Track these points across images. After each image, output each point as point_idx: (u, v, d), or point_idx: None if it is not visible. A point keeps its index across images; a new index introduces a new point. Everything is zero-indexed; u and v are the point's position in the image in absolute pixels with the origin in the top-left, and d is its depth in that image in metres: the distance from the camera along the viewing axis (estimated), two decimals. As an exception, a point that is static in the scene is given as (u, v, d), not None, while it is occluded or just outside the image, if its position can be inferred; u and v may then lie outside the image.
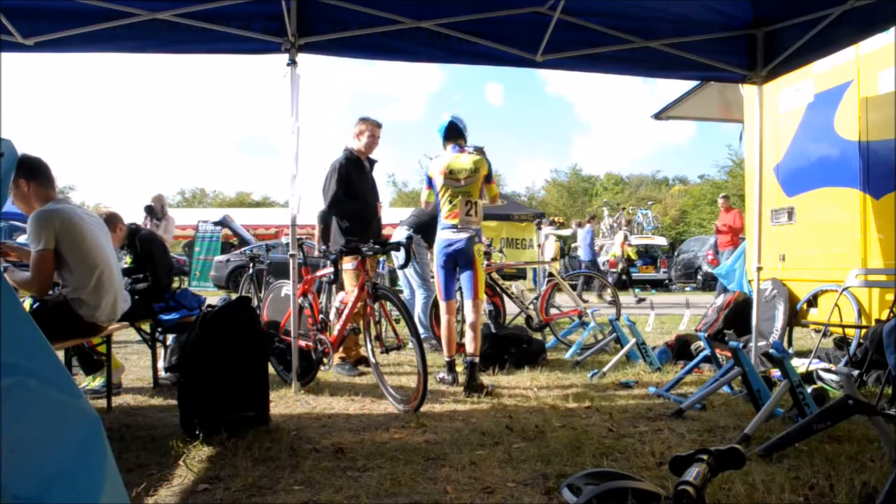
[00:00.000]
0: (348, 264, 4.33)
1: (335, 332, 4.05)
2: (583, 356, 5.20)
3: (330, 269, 4.15)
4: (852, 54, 4.62)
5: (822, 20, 3.76)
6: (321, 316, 4.24)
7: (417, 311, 5.70)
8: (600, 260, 16.88)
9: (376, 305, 3.85)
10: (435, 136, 4.41)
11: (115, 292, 3.50)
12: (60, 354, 3.72)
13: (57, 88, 70.67)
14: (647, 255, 20.36)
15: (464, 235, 4.13)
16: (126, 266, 4.41)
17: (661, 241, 21.94)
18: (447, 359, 4.22)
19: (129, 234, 4.50)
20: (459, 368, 4.29)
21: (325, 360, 4.03)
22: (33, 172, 3.24)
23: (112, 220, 4.28)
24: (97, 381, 4.01)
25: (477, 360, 4.07)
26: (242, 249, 14.08)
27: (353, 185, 4.76)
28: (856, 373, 3.70)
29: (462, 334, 4.45)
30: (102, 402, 3.59)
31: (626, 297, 9.79)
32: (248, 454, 2.67)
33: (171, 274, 4.69)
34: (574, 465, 2.54)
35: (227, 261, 15.05)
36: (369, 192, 4.96)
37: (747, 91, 5.64)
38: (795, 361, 4.05)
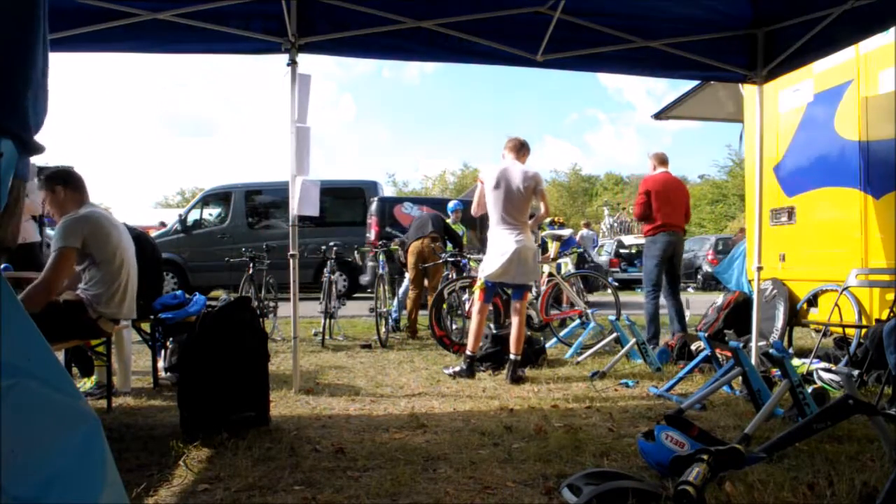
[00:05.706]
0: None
1: None
2: (583, 356, 5.20)
3: None
4: (852, 54, 4.61)
5: (822, 20, 3.76)
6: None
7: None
8: (602, 259, 16.87)
9: None
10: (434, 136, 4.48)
11: (132, 297, 3.70)
12: (60, 355, 3.73)
13: (57, 88, 70.33)
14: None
15: None
16: None
17: None
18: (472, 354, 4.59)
19: None
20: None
21: None
22: (68, 181, 3.51)
23: None
24: (89, 384, 3.96)
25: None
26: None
27: None
28: (856, 373, 3.70)
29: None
30: (102, 403, 3.59)
31: (627, 297, 9.77)
32: (248, 454, 2.67)
33: (156, 277, 4.59)
34: (574, 465, 2.54)
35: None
36: None
37: (747, 91, 5.64)
38: (795, 361, 4.05)
